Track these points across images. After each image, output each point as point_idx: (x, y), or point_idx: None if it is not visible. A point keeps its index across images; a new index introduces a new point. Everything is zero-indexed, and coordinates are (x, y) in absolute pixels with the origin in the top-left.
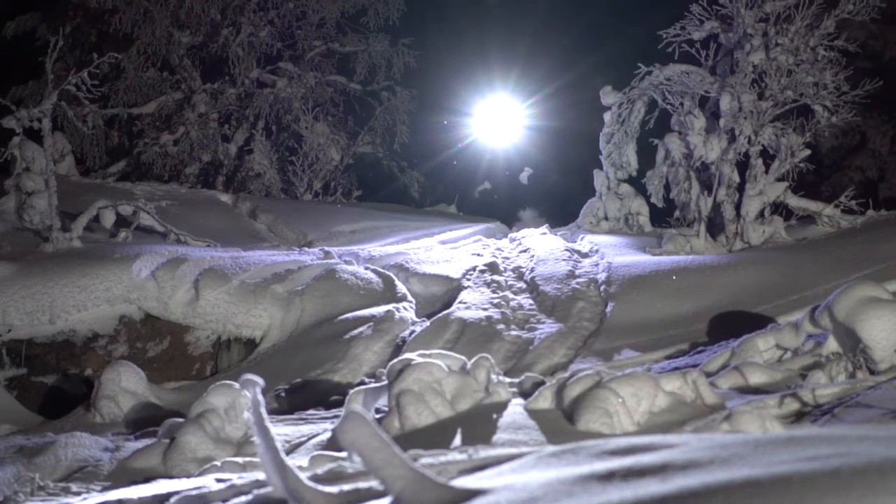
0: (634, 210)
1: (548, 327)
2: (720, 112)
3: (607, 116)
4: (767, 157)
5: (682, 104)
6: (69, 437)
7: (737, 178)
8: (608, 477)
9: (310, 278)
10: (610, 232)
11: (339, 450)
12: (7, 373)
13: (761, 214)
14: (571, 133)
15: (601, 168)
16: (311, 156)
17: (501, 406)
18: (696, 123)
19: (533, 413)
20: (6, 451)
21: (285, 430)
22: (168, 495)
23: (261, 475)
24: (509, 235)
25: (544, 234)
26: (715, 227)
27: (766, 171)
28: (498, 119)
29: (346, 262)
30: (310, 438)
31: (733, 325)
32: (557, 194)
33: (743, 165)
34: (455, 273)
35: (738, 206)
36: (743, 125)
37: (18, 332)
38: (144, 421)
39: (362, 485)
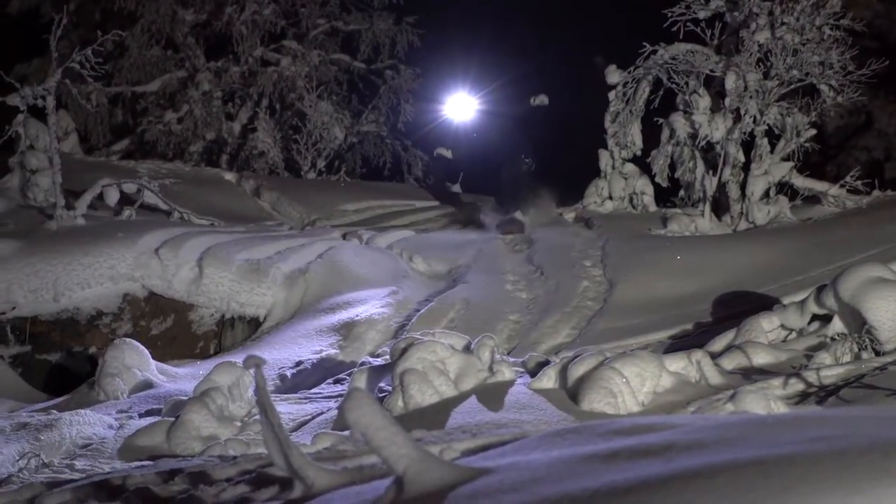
0: (639, 189)
1: (552, 307)
2: (725, 91)
3: (612, 95)
4: (773, 136)
5: (687, 83)
6: (73, 414)
7: (742, 158)
8: (612, 457)
9: (313, 256)
10: (614, 211)
11: (343, 429)
12: (11, 350)
13: (766, 194)
14: (577, 115)
15: (605, 147)
16: (314, 134)
17: (505, 386)
18: (702, 103)
19: (537, 393)
20: (11, 428)
21: (289, 408)
22: (173, 473)
23: (265, 454)
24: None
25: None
26: (720, 206)
27: (772, 151)
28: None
29: (350, 241)
30: (314, 417)
31: (738, 305)
32: (562, 174)
33: (748, 145)
34: (459, 252)
35: (743, 186)
36: (748, 104)
37: (23, 309)
38: (148, 399)
39: (365, 463)
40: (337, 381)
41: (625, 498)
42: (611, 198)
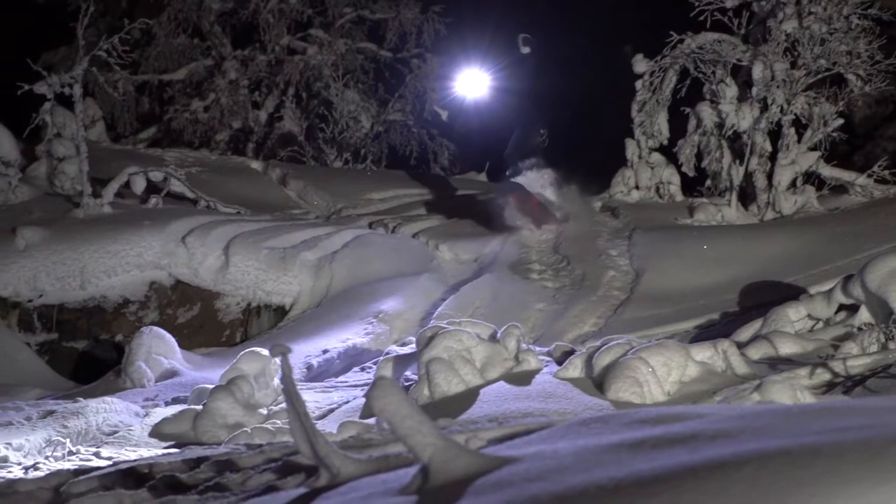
0: (665, 179)
1: (578, 296)
2: (752, 81)
3: (639, 84)
4: (800, 126)
5: (714, 73)
6: (100, 402)
7: (769, 148)
8: (638, 446)
9: (340, 245)
10: (641, 201)
11: (369, 417)
12: (38, 338)
13: (793, 184)
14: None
15: (632, 137)
16: (341, 123)
17: (531, 375)
18: (729, 92)
19: (563, 382)
20: (38, 415)
21: (315, 397)
22: (199, 461)
23: (291, 442)
24: None
25: None
26: (746, 196)
27: (799, 141)
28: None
29: (376, 230)
30: (339, 406)
31: (764, 294)
32: (588, 163)
33: (775, 135)
34: (485, 241)
35: (770, 176)
36: (775, 94)
37: (49, 297)
38: (175, 387)
39: (391, 452)
40: (363, 370)
41: (651, 487)
42: (637, 187)
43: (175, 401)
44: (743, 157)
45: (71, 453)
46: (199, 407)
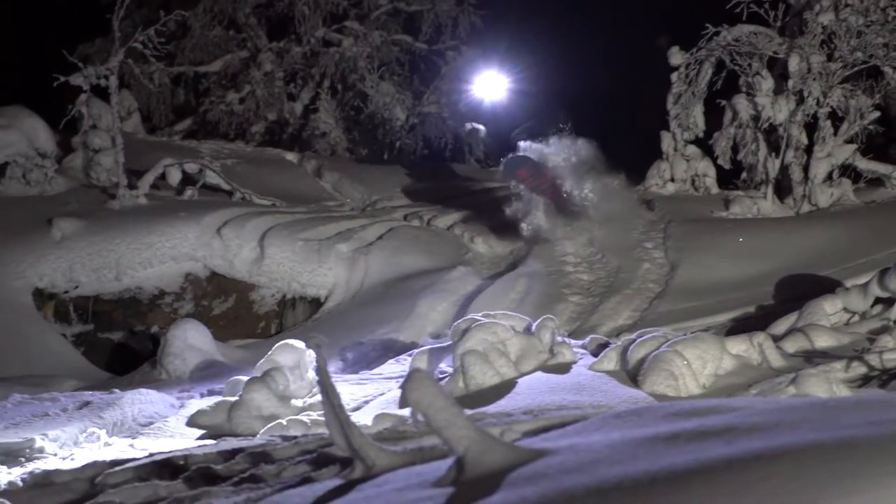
0: (701, 172)
1: (613, 289)
2: (789, 73)
3: (674, 77)
4: (836, 118)
5: (750, 65)
6: (135, 393)
7: (805, 140)
8: (673, 439)
9: (374, 237)
10: (676, 193)
11: (404, 409)
12: (74, 329)
13: (829, 177)
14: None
15: (667, 129)
16: (376, 115)
17: (566, 367)
18: (764, 84)
19: (598, 374)
20: (73, 406)
21: (350, 389)
22: (234, 452)
23: (325, 434)
24: None
25: None
26: (782, 189)
27: (835, 133)
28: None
29: (411, 222)
30: (374, 398)
31: (800, 287)
32: (624, 156)
33: (811, 127)
34: (520, 233)
35: (806, 169)
36: (811, 86)
37: (85, 288)
38: (210, 378)
39: (426, 444)
40: (397, 362)
41: (686, 480)
42: (673, 180)
43: (210, 392)
44: (779, 150)
45: (107, 444)
46: (235, 398)
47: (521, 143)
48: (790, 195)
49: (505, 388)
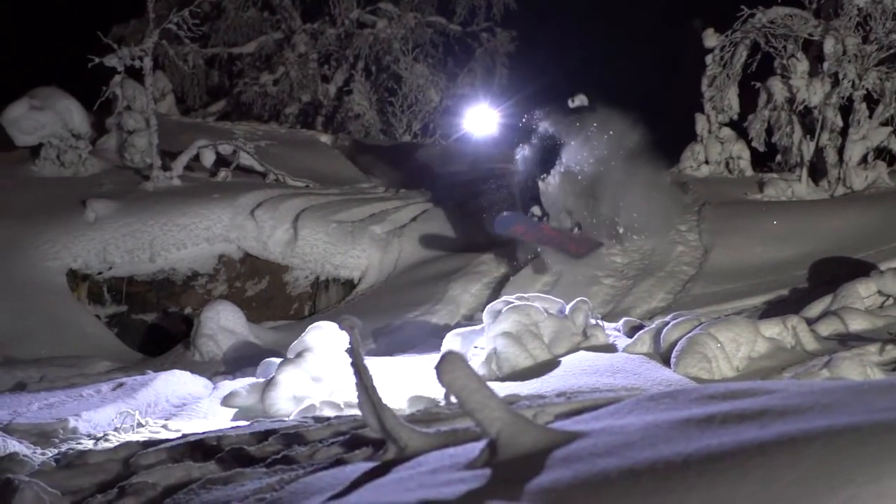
0: (735, 154)
1: (646, 272)
2: (824, 55)
3: (709, 59)
4: (871, 101)
5: (785, 47)
6: (169, 374)
7: (840, 123)
8: (706, 422)
9: (408, 219)
10: (710, 176)
11: (438, 392)
12: (108, 310)
13: (864, 159)
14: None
15: (702, 111)
16: (410, 97)
17: (599, 350)
18: (799, 67)
19: (631, 357)
20: (107, 387)
21: (383, 370)
22: (267, 434)
23: (358, 415)
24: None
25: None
26: (817, 171)
27: (870, 116)
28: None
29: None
30: (407, 380)
31: (834, 270)
32: (658, 138)
33: (846, 110)
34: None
35: (840, 151)
36: (847, 69)
37: (119, 269)
38: (243, 360)
39: (459, 426)
40: (430, 344)
41: (719, 463)
42: (707, 162)
43: (243, 373)
44: (813, 133)
45: (140, 425)
46: (268, 380)
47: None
48: (825, 178)
49: (538, 370)
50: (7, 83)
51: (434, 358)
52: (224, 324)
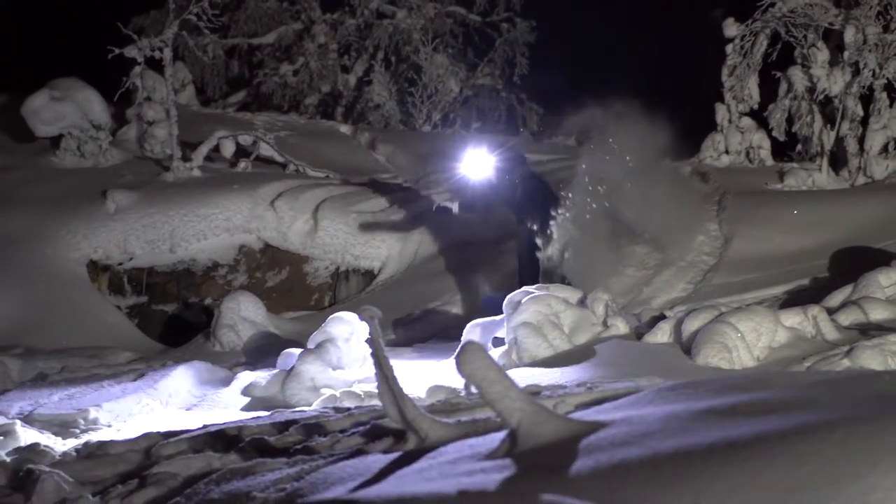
0: (756, 144)
1: (667, 261)
2: (844, 45)
3: (729, 48)
4: (892, 90)
5: (805, 37)
6: (189, 365)
7: (860, 112)
8: (728, 412)
9: (428, 209)
10: (730, 165)
11: (458, 382)
12: (128, 300)
13: (885, 149)
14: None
15: (722, 101)
16: (430, 87)
17: (619, 340)
18: (820, 56)
19: (651, 347)
20: (127, 378)
21: (403, 361)
22: (287, 424)
23: (379, 406)
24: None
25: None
26: (837, 161)
27: (891, 105)
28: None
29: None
30: (428, 370)
31: (855, 260)
32: (678, 127)
33: (867, 99)
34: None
35: (861, 141)
36: (867, 58)
37: (140, 260)
38: (263, 350)
39: (479, 416)
40: (451, 334)
41: (741, 452)
42: (727, 152)
43: (263, 364)
44: (834, 122)
45: (161, 416)
46: (288, 370)
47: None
48: (845, 167)
49: (558, 360)
50: (27, 74)
51: (455, 348)
52: (244, 314)
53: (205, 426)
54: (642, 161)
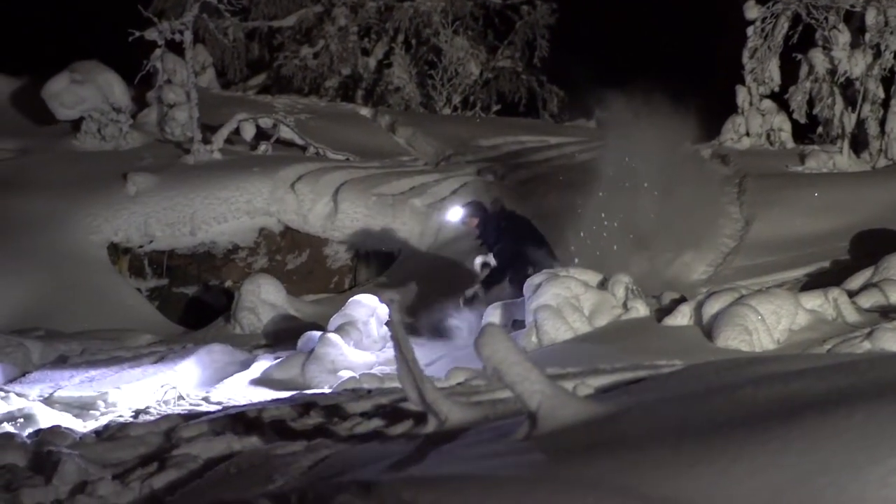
0: (776, 126)
1: (687, 244)
2: (866, 27)
3: (750, 31)
4: None
5: (826, 19)
6: (209, 348)
7: (882, 94)
8: (748, 394)
9: (448, 192)
10: (751, 148)
11: (477, 364)
12: (149, 283)
13: None
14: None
15: (743, 83)
16: (450, 70)
17: (639, 322)
18: (841, 38)
19: (671, 329)
20: (148, 360)
21: (423, 343)
22: (307, 406)
23: (399, 388)
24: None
25: None
26: (858, 143)
27: None
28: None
29: (485, 177)
30: (448, 352)
31: (876, 242)
32: (698, 110)
33: (888, 81)
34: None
35: (882, 123)
36: (889, 40)
37: (160, 243)
38: (283, 333)
39: (499, 399)
40: (468, 317)
41: (762, 434)
42: (748, 134)
43: (283, 346)
44: (855, 104)
45: (181, 398)
46: (308, 353)
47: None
48: (866, 150)
49: (578, 342)
50: (48, 57)
51: (474, 330)
52: (264, 297)
53: (225, 408)
54: (663, 145)
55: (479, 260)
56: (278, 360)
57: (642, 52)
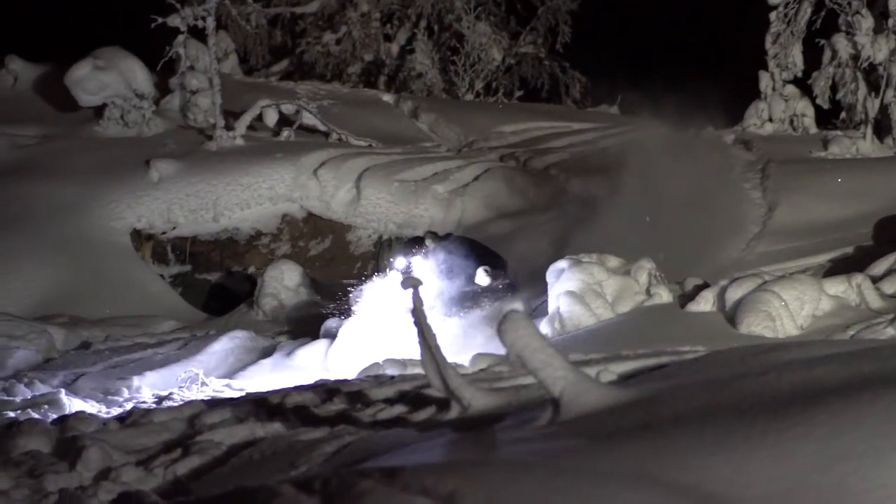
0: (799, 111)
1: (710, 230)
2: (889, 12)
3: (773, 16)
4: None
5: (849, 4)
6: (232, 334)
7: None
8: (770, 381)
9: (471, 178)
10: (774, 134)
11: (500, 350)
12: (172, 269)
13: None
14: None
15: (766, 69)
16: (472, 56)
17: (662, 308)
18: (864, 23)
19: (694, 316)
20: (171, 347)
21: (446, 329)
22: (330, 393)
23: (421, 374)
24: None
25: None
26: (882, 129)
27: None
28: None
29: (507, 163)
30: (470, 339)
31: None
32: (722, 95)
33: None
34: (617, 173)
35: None
36: None
37: (183, 229)
38: (306, 319)
39: (522, 385)
40: (493, 303)
41: (783, 422)
42: (771, 120)
43: (306, 333)
44: (878, 90)
45: (204, 384)
46: (331, 339)
47: None
48: (889, 135)
49: (601, 328)
50: (71, 43)
51: (497, 317)
52: (287, 283)
53: (248, 394)
54: (687, 130)
55: (481, 270)
56: (301, 347)
57: (665, 38)
